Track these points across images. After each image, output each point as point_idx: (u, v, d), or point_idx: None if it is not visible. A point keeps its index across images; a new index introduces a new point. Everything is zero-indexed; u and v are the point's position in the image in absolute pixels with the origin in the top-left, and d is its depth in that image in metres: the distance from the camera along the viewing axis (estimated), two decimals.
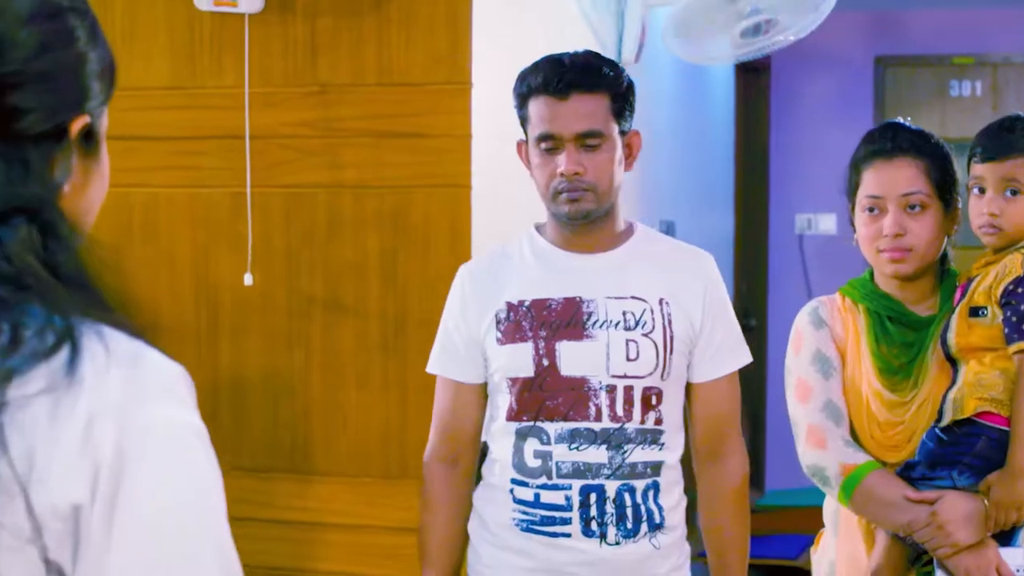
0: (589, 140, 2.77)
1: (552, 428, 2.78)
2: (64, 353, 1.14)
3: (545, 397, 2.78)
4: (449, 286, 2.93)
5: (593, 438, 2.76)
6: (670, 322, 2.82)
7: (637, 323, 2.80)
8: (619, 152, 2.82)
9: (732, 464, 2.92)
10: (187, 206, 3.76)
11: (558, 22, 2.97)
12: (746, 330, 8.93)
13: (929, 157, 2.79)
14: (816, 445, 2.79)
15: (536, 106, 2.80)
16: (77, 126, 1.28)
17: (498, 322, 2.83)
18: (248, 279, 3.65)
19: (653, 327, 2.80)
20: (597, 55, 2.88)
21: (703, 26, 4.21)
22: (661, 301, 2.82)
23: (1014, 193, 2.71)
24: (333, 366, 3.66)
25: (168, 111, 3.76)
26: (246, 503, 3.61)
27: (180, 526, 1.16)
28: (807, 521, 6.03)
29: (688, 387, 2.89)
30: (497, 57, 3.65)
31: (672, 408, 2.83)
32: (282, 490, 3.69)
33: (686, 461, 2.91)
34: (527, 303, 2.82)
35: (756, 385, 7.34)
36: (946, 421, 2.66)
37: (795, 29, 4.26)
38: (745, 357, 2.94)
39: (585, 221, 2.81)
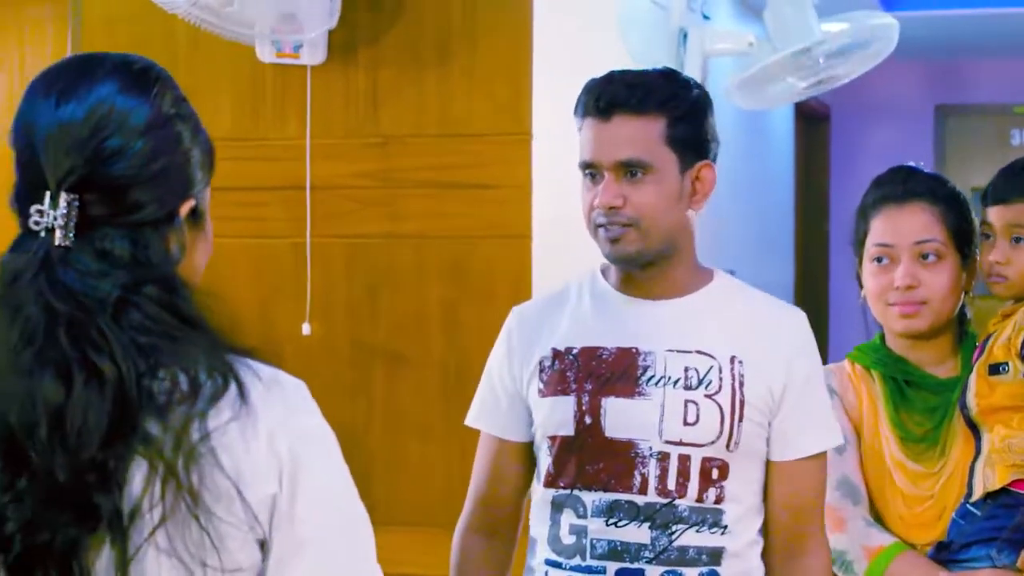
0: (632, 170, 2.32)
1: (589, 499, 2.34)
2: (233, 388, 1.47)
3: (585, 461, 2.35)
4: None
5: (635, 513, 2.31)
6: (741, 384, 2.34)
7: (700, 382, 2.34)
8: (675, 186, 2.36)
9: (814, 564, 2.41)
10: (249, 256, 3.78)
11: None
12: None
13: (944, 203, 2.56)
14: (834, 527, 2.49)
15: (584, 129, 2.38)
16: (185, 209, 1.55)
17: (541, 370, 2.42)
18: (306, 328, 3.67)
19: (720, 388, 2.33)
20: (666, 72, 2.41)
21: (769, 84, 4.22)
22: (733, 359, 2.35)
23: (1017, 241, 2.50)
24: (395, 416, 3.66)
25: (231, 162, 3.77)
26: None
27: (337, 496, 1.56)
28: None
29: (767, 466, 2.39)
30: (558, 108, 3.64)
31: (742, 486, 2.35)
32: None
33: None
34: (575, 351, 2.39)
35: None
36: (977, 495, 2.42)
37: (853, 74, 4.28)
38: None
39: (632, 266, 2.39)
